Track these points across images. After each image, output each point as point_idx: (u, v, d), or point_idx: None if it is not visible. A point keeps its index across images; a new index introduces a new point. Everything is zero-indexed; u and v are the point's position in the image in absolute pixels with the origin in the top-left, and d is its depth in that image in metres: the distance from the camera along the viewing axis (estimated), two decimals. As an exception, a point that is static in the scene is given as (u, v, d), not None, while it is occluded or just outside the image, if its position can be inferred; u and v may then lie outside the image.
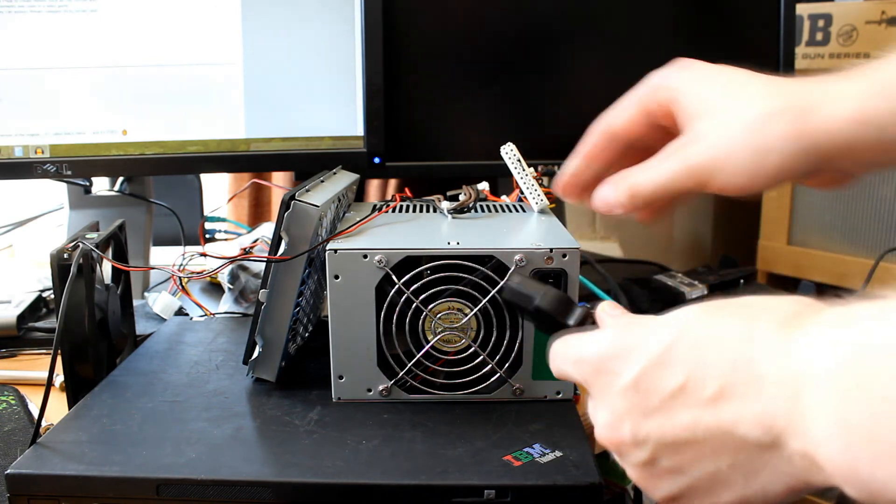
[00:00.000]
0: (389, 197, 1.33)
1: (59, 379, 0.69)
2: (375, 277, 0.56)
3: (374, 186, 1.39)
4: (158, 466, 0.49)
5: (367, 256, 0.56)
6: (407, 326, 0.57)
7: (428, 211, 0.71)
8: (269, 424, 0.55)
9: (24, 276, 1.04)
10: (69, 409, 0.60)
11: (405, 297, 0.56)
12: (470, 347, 0.58)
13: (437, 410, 0.57)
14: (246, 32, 0.88)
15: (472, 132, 0.95)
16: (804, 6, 1.27)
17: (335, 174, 0.72)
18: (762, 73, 0.48)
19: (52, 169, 0.86)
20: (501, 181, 1.04)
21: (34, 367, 0.78)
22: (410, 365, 0.57)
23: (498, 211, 0.71)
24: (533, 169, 0.70)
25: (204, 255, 0.71)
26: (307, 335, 0.70)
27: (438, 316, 0.57)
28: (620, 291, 0.92)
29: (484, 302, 0.56)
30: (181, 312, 0.86)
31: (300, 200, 0.56)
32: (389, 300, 0.57)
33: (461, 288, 0.57)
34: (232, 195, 1.41)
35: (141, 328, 0.80)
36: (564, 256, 0.56)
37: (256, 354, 0.60)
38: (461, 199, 0.69)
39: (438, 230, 0.63)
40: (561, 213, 1.17)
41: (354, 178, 0.76)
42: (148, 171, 0.94)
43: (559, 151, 0.62)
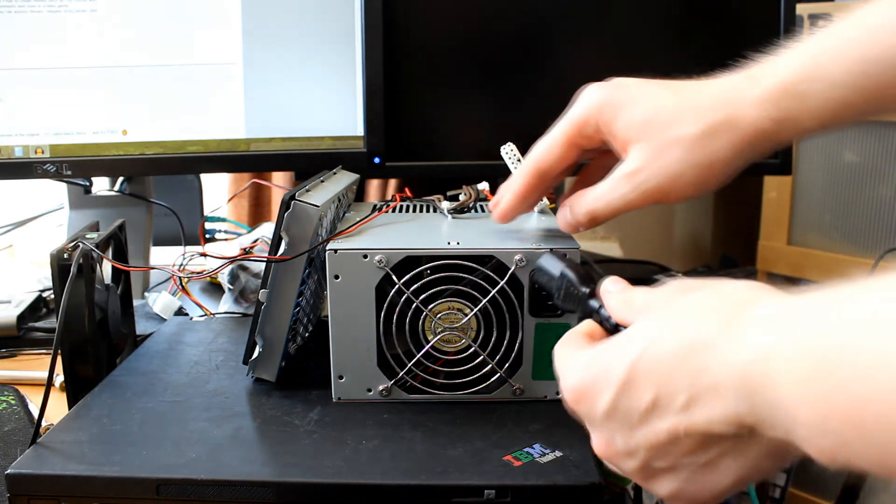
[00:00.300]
0: (389, 197, 1.33)
1: (59, 379, 0.69)
2: (375, 277, 0.56)
3: (374, 186, 1.39)
4: (158, 466, 0.49)
5: (367, 256, 0.56)
6: (407, 326, 0.57)
7: (428, 211, 0.71)
8: (269, 424, 0.55)
9: (24, 276, 1.04)
10: (69, 409, 0.60)
11: (405, 297, 0.56)
12: (470, 347, 0.58)
13: (437, 410, 0.57)
14: (246, 32, 0.88)
15: (472, 132, 0.95)
16: (804, 6, 1.27)
17: (335, 174, 0.72)
18: None
19: (52, 169, 0.86)
20: (501, 181, 1.03)
21: (34, 367, 0.78)
22: (410, 365, 0.57)
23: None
24: (533, 169, 0.70)
25: (204, 255, 0.71)
26: (307, 335, 0.70)
27: (438, 316, 0.57)
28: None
29: (484, 302, 0.56)
30: (181, 312, 0.87)
31: (300, 200, 0.56)
32: (389, 300, 0.57)
33: (461, 288, 0.57)
34: (232, 195, 1.41)
35: (141, 328, 0.80)
36: (564, 256, 0.56)
37: (256, 354, 0.60)
38: (461, 199, 0.69)
39: (438, 230, 0.63)
40: (561, 213, 1.17)
41: (354, 178, 0.76)
42: (148, 171, 0.94)
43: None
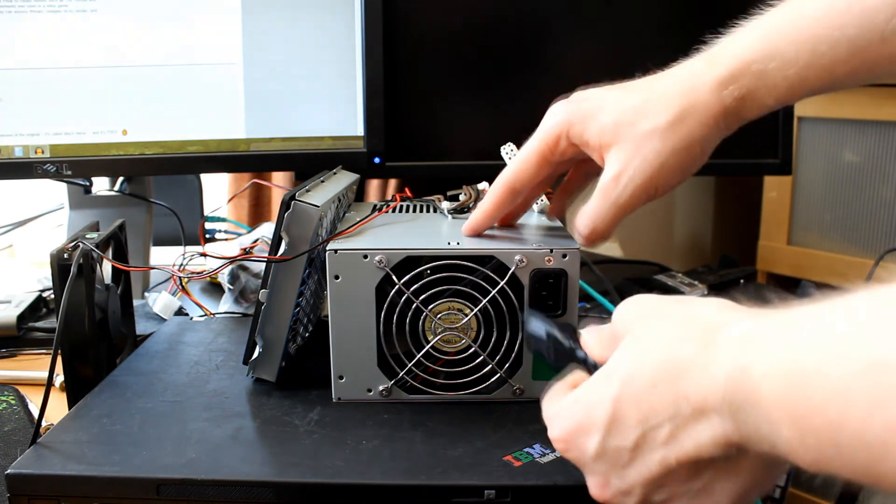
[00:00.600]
0: (389, 197, 1.33)
1: (59, 379, 0.69)
2: (376, 278, 0.56)
3: (374, 186, 1.39)
4: (158, 466, 0.48)
5: (367, 257, 0.56)
6: (407, 327, 0.57)
7: (428, 211, 0.71)
8: (269, 424, 0.55)
9: (24, 276, 1.04)
10: (69, 409, 0.60)
11: (405, 297, 0.56)
12: (470, 348, 0.58)
13: (437, 410, 0.57)
14: (246, 32, 0.88)
15: (472, 132, 0.95)
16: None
17: (335, 174, 0.72)
18: None
19: (52, 169, 0.86)
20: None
21: (34, 367, 0.78)
22: (411, 365, 0.57)
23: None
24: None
25: (204, 255, 0.71)
26: (307, 335, 0.70)
27: (439, 316, 0.57)
28: (616, 293, 0.92)
29: (484, 302, 0.56)
30: (181, 312, 0.86)
31: (300, 200, 0.56)
32: (390, 300, 0.57)
33: (461, 288, 0.57)
34: (232, 195, 1.41)
35: (141, 328, 0.80)
36: (564, 257, 0.56)
37: (256, 354, 0.60)
38: (461, 199, 0.69)
39: (439, 230, 0.63)
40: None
41: (354, 178, 0.76)
42: (148, 171, 0.94)
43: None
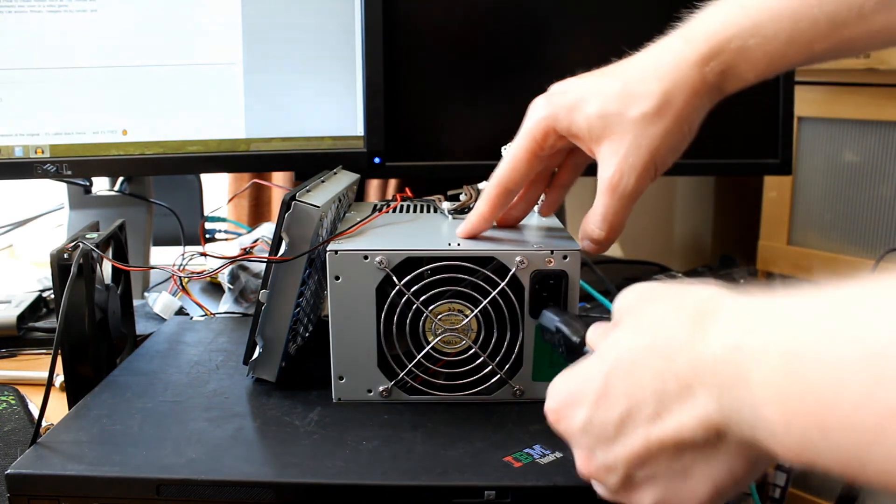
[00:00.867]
0: (390, 197, 1.33)
1: (59, 379, 0.69)
2: (376, 278, 0.56)
3: (374, 186, 1.39)
4: (158, 466, 0.48)
5: (367, 257, 0.56)
6: (407, 327, 0.57)
7: (428, 211, 0.71)
8: (269, 425, 0.55)
9: (24, 276, 1.04)
10: (69, 409, 0.60)
11: (406, 298, 0.56)
12: (470, 349, 0.58)
13: (437, 411, 0.57)
14: (246, 32, 0.88)
15: (472, 132, 0.95)
16: None
17: (335, 174, 0.72)
18: None
19: (52, 169, 0.86)
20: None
21: (34, 367, 0.78)
22: (411, 366, 0.57)
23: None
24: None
25: (204, 255, 0.71)
26: (307, 335, 0.70)
27: (439, 317, 0.57)
28: (616, 293, 0.92)
29: (484, 303, 0.56)
30: (181, 312, 0.86)
31: (301, 201, 0.56)
32: (390, 301, 0.57)
33: (462, 289, 0.57)
34: (232, 195, 1.41)
35: (141, 328, 0.80)
36: (565, 258, 0.56)
37: (257, 355, 0.60)
38: (461, 199, 0.69)
39: (439, 231, 0.63)
40: (561, 213, 1.17)
41: (355, 178, 0.76)
42: (148, 171, 0.94)
43: (559, 152, 0.62)
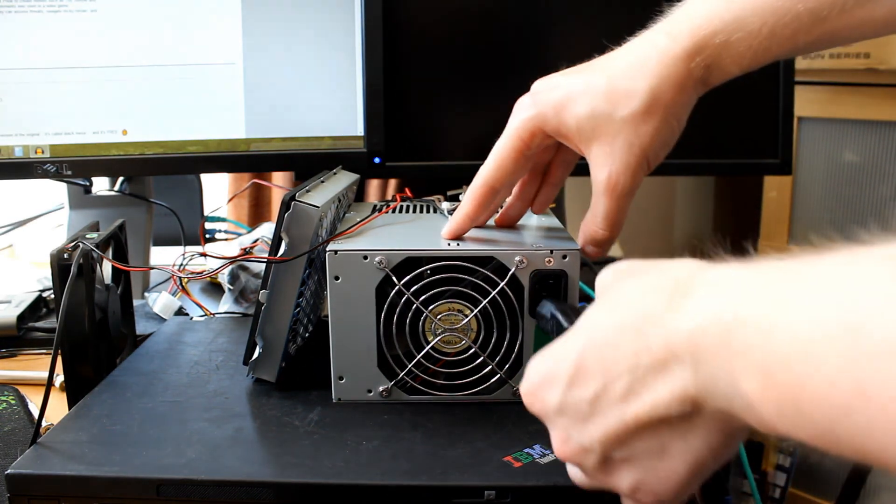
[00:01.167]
0: (389, 197, 1.33)
1: (59, 379, 0.69)
2: (376, 278, 0.56)
3: (374, 186, 1.39)
4: (158, 466, 0.49)
5: (367, 258, 0.56)
6: (407, 327, 0.57)
7: (428, 211, 0.71)
8: (269, 425, 0.55)
9: (24, 276, 1.04)
10: (69, 409, 0.60)
11: (405, 298, 0.56)
12: (470, 349, 0.58)
13: (437, 411, 0.57)
14: (246, 32, 0.88)
15: (472, 132, 0.95)
16: None
17: (335, 174, 0.72)
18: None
19: (52, 169, 0.86)
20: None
21: (34, 367, 0.78)
22: (411, 366, 0.57)
23: (498, 211, 0.71)
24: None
25: (204, 255, 0.71)
26: (307, 335, 0.70)
27: (439, 317, 0.57)
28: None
29: (484, 303, 0.56)
30: (181, 312, 0.86)
31: (300, 201, 0.56)
32: (390, 301, 0.57)
33: (461, 289, 0.57)
34: (232, 195, 1.41)
35: (141, 328, 0.80)
36: (565, 257, 0.56)
37: (257, 355, 0.60)
38: (461, 199, 0.69)
39: (439, 231, 0.63)
40: (561, 213, 1.17)
41: (354, 178, 0.76)
42: (148, 171, 0.94)
43: (559, 152, 0.62)
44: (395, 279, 0.56)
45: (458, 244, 0.57)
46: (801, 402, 0.29)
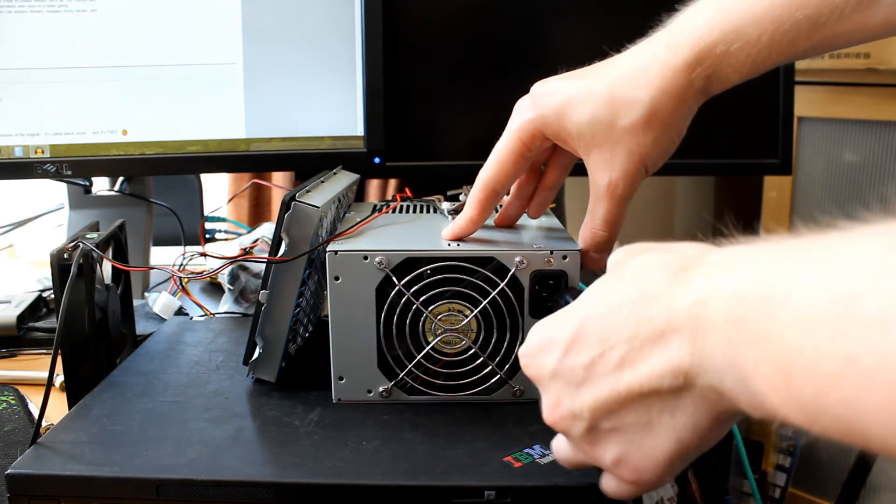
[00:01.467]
0: (389, 197, 1.33)
1: (59, 379, 0.69)
2: (376, 279, 0.56)
3: (374, 186, 1.39)
4: (158, 466, 0.49)
5: (367, 258, 0.56)
6: (407, 328, 0.57)
7: (428, 211, 0.71)
8: (269, 425, 0.55)
9: (24, 276, 1.04)
10: (69, 409, 0.60)
11: (405, 298, 0.56)
12: (470, 349, 0.58)
13: (437, 411, 0.57)
14: (246, 32, 0.88)
15: (472, 132, 0.95)
16: None
17: (335, 174, 0.72)
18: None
19: (52, 169, 0.86)
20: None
21: (34, 367, 0.78)
22: (411, 366, 0.57)
23: (498, 212, 0.71)
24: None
25: (204, 255, 0.71)
26: (307, 335, 0.70)
27: (439, 317, 0.57)
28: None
29: (484, 303, 0.56)
30: (181, 312, 0.87)
31: (300, 201, 0.56)
32: (390, 301, 0.57)
33: (461, 290, 0.57)
34: (232, 195, 1.41)
35: (141, 328, 0.80)
36: (565, 258, 0.56)
37: (257, 355, 0.60)
38: (461, 199, 0.69)
39: (439, 231, 0.63)
40: (561, 213, 1.17)
41: (355, 178, 0.76)
42: (148, 171, 0.94)
43: (559, 152, 0.62)
44: (395, 279, 0.56)
45: (458, 244, 0.57)
46: (791, 373, 0.29)
